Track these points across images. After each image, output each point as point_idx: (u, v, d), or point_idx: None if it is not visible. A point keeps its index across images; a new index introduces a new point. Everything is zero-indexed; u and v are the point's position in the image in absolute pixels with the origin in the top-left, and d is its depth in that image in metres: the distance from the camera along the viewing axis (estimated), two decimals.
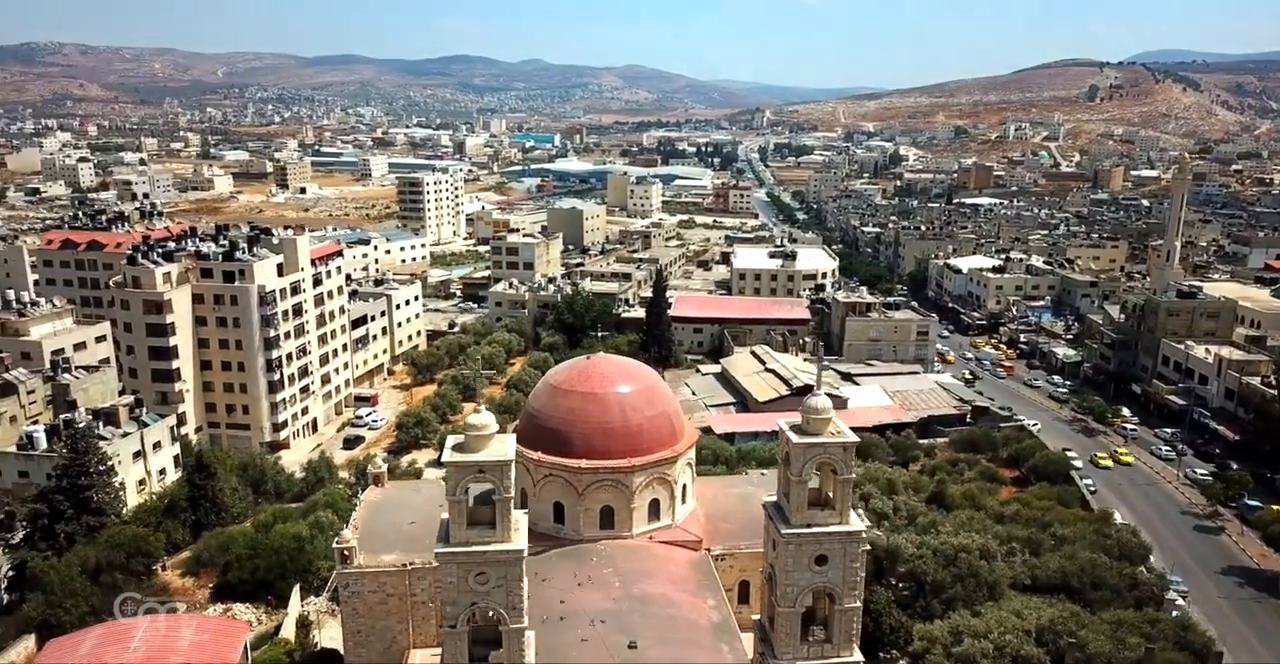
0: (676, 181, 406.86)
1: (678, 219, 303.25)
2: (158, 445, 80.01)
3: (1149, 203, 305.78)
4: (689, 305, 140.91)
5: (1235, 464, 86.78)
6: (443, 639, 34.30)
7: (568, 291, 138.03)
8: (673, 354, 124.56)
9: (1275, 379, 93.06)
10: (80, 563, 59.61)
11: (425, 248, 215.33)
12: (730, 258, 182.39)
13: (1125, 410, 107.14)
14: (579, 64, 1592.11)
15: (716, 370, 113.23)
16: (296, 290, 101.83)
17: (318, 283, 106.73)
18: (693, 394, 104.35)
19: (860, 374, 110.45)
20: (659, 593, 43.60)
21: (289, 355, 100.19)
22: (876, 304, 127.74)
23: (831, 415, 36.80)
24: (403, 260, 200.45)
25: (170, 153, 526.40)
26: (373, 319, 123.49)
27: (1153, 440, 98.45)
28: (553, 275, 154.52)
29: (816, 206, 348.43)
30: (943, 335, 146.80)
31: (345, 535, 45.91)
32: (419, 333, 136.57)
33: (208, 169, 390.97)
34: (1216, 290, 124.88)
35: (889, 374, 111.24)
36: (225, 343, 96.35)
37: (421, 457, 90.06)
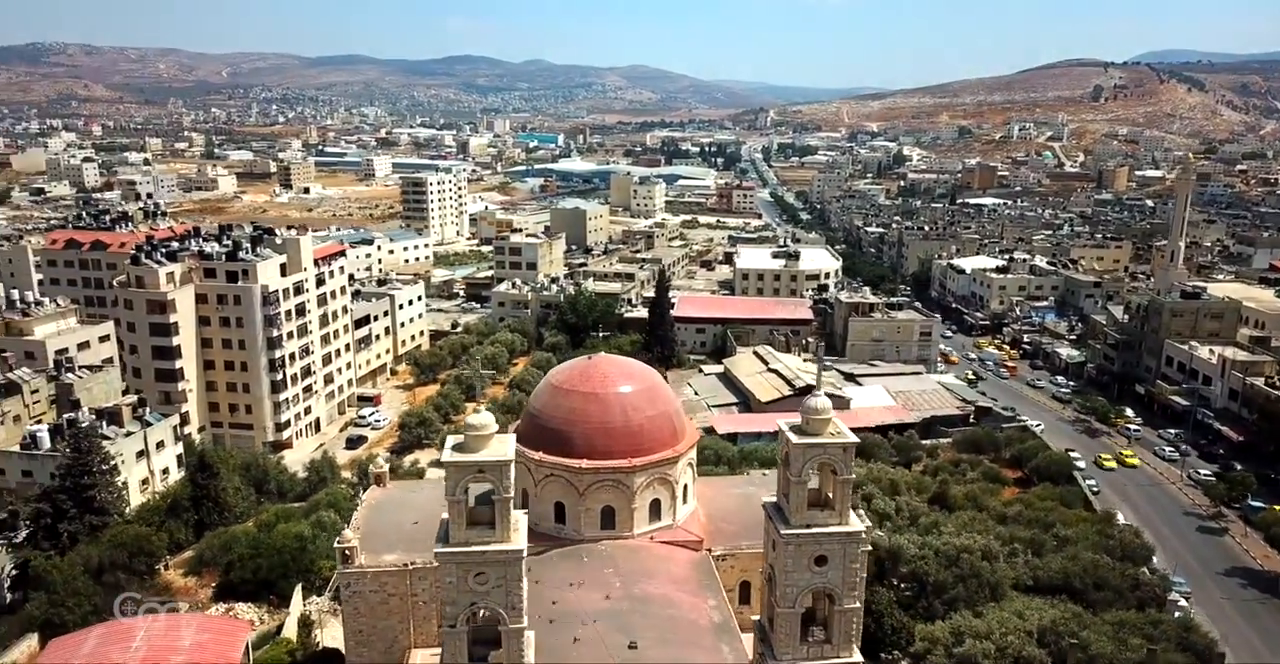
0: (680, 182, 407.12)
1: (681, 219, 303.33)
2: (161, 445, 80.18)
3: (1153, 203, 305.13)
4: (692, 305, 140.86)
5: (1239, 465, 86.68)
6: (443, 639, 34.31)
7: (571, 292, 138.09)
8: (675, 354, 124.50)
9: (1279, 380, 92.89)
10: (83, 562, 59.91)
11: (428, 248, 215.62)
12: (733, 258, 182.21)
13: (1129, 411, 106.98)
14: (583, 64, 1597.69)
15: (719, 371, 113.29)
16: (299, 290, 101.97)
17: (321, 283, 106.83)
18: (695, 394, 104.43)
19: (863, 374, 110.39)
20: (660, 593, 43.57)
21: (292, 355, 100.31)
22: (879, 304, 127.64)
23: (831, 416, 36.77)
24: (406, 260, 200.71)
25: (174, 153, 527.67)
26: (376, 319, 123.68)
27: (1156, 441, 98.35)
28: (556, 275, 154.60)
29: (820, 207, 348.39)
30: (946, 336, 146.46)
31: (346, 535, 45.97)
32: (422, 333, 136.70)
33: (212, 169, 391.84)
34: (1220, 291, 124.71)
35: (892, 374, 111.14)
36: (228, 342, 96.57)
37: (424, 456, 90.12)
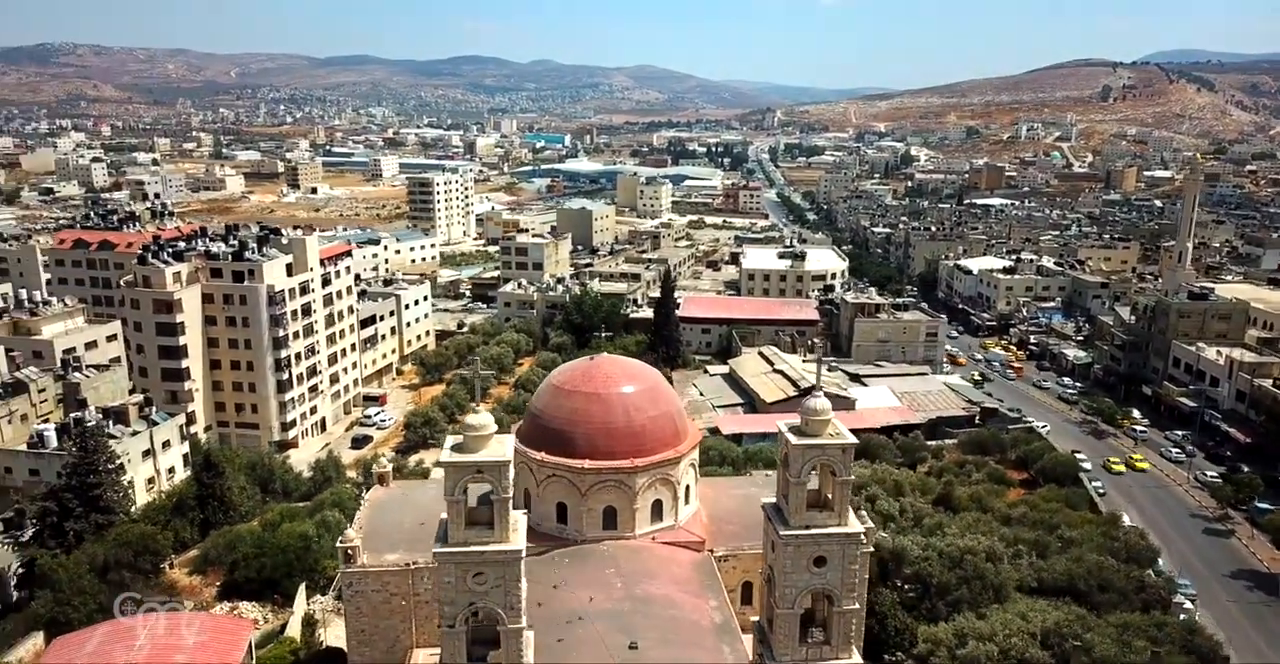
0: (686, 182, 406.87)
1: (687, 219, 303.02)
2: (167, 444, 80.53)
3: (1162, 204, 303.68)
4: (697, 306, 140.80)
5: (1246, 467, 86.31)
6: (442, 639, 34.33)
7: (576, 292, 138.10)
8: (681, 355, 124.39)
9: None
10: (89, 561, 60.09)
11: (435, 248, 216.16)
12: (739, 258, 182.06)
13: (1135, 412, 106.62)
14: (590, 64, 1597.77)
15: (725, 371, 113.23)
16: (305, 290, 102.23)
17: (327, 283, 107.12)
18: (700, 395, 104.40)
19: (868, 375, 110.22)
20: (661, 594, 43.53)
21: (298, 355, 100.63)
22: (886, 305, 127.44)
23: (830, 417, 36.74)
24: (412, 260, 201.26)
25: (183, 153, 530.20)
26: (381, 319, 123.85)
27: (1163, 442, 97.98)
28: (561, 276, 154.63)
29: (827, 207, 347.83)
30: (952, 336, 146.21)
31: (349, 535, 46.08)
32: (428, 333, 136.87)
33: (220, 169, 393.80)
34: (1228, 292, 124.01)
35: (897, 375, 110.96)
36: (234, 342, 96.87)
37: (429, 456, 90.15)
